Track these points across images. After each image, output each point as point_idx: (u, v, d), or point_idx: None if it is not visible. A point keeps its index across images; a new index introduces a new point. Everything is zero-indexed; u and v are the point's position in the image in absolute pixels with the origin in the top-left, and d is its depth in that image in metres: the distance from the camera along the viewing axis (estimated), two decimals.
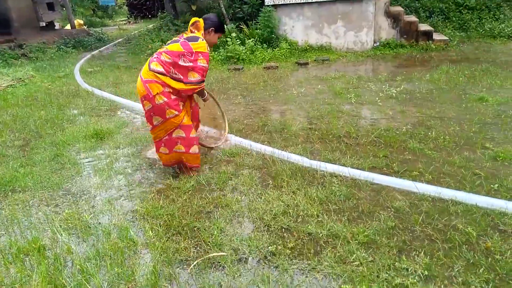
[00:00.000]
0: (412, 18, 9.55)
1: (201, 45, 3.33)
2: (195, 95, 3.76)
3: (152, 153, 4.23)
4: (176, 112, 3.33)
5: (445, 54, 8.64)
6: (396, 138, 4.16)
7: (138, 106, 6.08)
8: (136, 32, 16.46)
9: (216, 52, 9.40)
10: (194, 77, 3.33)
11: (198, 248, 2.63)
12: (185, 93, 3.42)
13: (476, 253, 2.40)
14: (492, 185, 3.12)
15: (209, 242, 2.65)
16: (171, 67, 3.26)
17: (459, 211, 2.82)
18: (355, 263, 2.39)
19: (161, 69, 3.26)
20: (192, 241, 2.70)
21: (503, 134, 4.10)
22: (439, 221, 2.73)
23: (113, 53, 12.15)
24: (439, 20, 10.69)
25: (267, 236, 2.69)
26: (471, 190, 3.07)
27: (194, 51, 3.29)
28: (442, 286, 2.16)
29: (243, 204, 3.11)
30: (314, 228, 2.72)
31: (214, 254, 2.50)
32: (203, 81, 3.42)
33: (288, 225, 2.80)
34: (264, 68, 8.44)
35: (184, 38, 3.38)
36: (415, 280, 2.20)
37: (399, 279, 2.22)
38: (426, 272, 2.26)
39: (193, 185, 3.46)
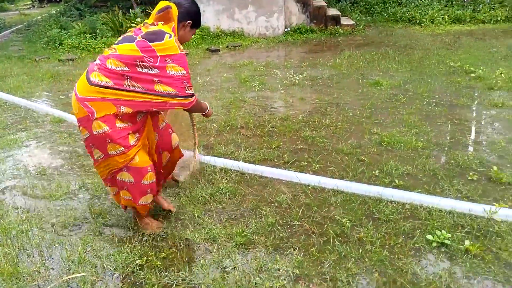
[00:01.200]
0: (321, 2, 9.69)
1: (169, 44, 2.18)
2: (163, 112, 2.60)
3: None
4: (122, 149, 2.23)
5: (352, 38, 8.90)
6: (291, 127, 4.11)
7: (23, 101, 5.45)
8: (39, 17, 14.97)
9: None
10: (166, 90, 2.20)
11: (57, 269, 2.33)
12: (164, 109, 2.38)
13: (348, 245, 2.39)
14: (373, 171, 3.18)
15: (71, 260, 2.37)
16: (126, 78, 2.15)
17: (338, 201, 2.82)
18: (228, 268, 2.26)
19: (107, 82, 2.14)
20: (52, 261, 2.39)
21: (391, 118, 4.24)
22: (318, 213, 2.70)
23: (7, 41, 10.91)
24: (347, 5, 11.01)
25: (139, 247, 2.46)
26: (352, 178, 3.10)
27: (158, 55, 2.15)
28: (310, 285, 2.11)
29: (119, 211, 2.85)
30: (191, 233, 2.55)
31: (72, 275, 2.23)
32: (191, 95, 2.31)
33: (165, 232, 2.59)
34: None
35: (142, 36, 2.19)
36: (284, 282, 2.13)
37: (269, 282, 2.12)
38: (297, 271, 2.20)
39: (65, 192, 3.12)
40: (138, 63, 2.14)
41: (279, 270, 2.22)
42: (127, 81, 2.15)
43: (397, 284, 2.07)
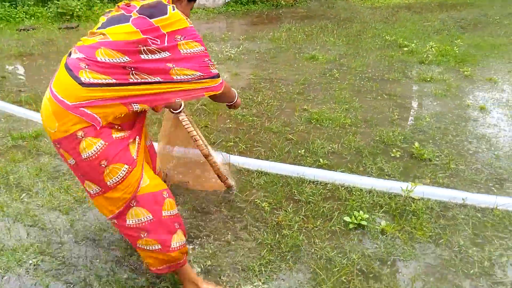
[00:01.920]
0: None
1: (175, 17, 1.61)
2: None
3: None
4: (125, 168, 1.59)
5: (294, 10, 8.73)
6: (221, 105, 3.90)
7: None
8: None
9: (45, 8, 8.04)
10: (187, 74, 1.63)
11: None
12: (191, 98, 1.73)
13: (266, 230, 2.28)
14: (299, 151, 3.09)
15: None
16: (130, 71, 1.55)
17: (261, 183, 2.70)
18: (134, 264, 2.08)
19: (107, 79, 1.52)
20: None
21: (322, 94, 4.16)
22: (238, 198, 2.57)
23: None
24: None
25: (37, 244, 2.21)
26: (278, 158, 2.99)
27: (164, 32, 1.58)
28: (221, 277, 1.99)
29: (19, 199, 2.56)
30: (96, 230, 2.33)
31: None
32: (218, 75, 1.74)
33: (69, 226, 2.36)
34: None
35: (137, 11, 1.61)
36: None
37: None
38: (209, 262, 2.07)
39: None
40: (142, 48, 1.55)
41: (189, 261, 2.07)
42: (132, 74, 1.56)
43: (310, 270, 2.00)
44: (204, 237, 2.25)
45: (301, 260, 2.07)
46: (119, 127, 1.63)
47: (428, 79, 4.44)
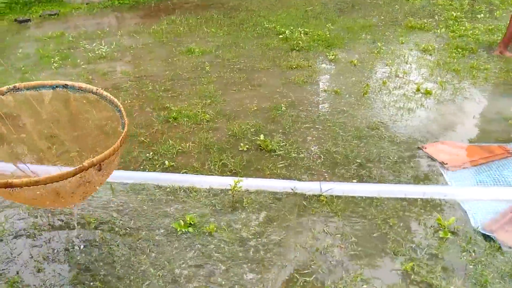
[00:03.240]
0: None
1: None
2: None
3: None
4: None
5: (186, 0, 8.48)
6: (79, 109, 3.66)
7: None
8: None
9: None
10: None
11: None
12: None
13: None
14: (147, 154, 2.97)
15: None
16: None
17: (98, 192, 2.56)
18: None
19: None
20: None
21: (188, 90, 4.07)
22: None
23: None
24: None
25: None
26: (121, 164, 2.85)
27: None
28: None
29: None
30: None
31: None
32: None
33: None
34: None
35: None
36: None
37: None
38: None
39: None
40: None
41: None
42: None
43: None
44: None
45: (112, 280, 1.97)
46: None
47: (295, 67, 4.53)
